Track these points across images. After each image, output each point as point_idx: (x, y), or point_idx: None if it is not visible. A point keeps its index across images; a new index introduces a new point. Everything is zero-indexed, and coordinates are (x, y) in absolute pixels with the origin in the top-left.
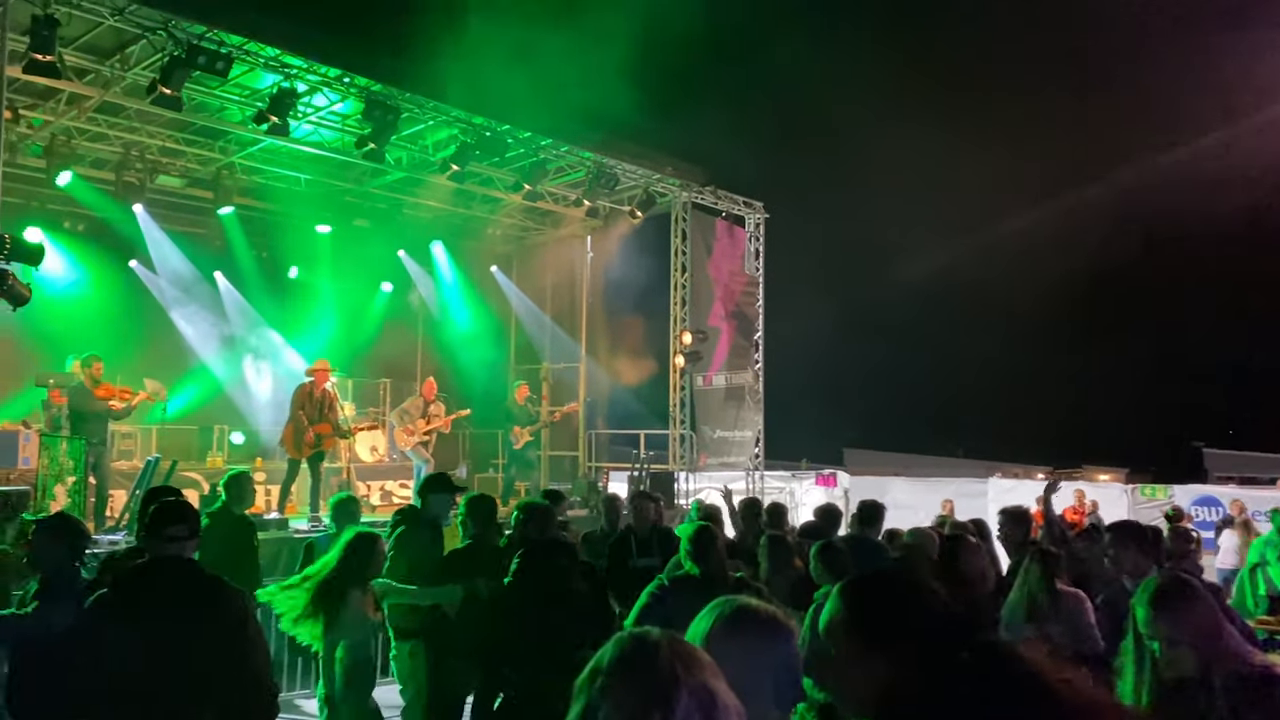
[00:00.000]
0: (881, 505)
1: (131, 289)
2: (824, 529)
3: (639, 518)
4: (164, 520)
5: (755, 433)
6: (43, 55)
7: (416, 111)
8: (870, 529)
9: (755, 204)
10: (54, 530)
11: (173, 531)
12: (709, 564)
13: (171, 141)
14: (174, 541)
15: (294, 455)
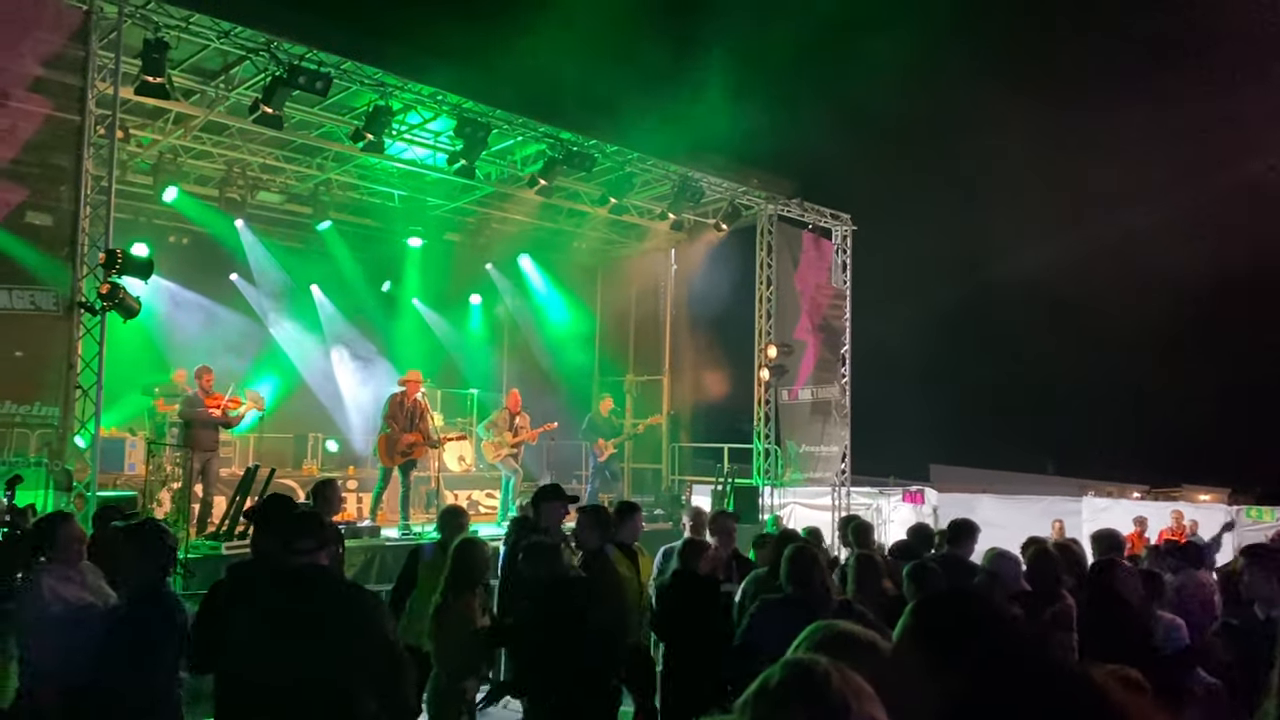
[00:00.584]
0: (973, 523)
1: (232, 301)
2: (917, 549)
3: (725, 540)
4: (293, 533)
5: (841, 448)
6: (153, 77)
7: (506, 128)
8: (961, 548)
9: (842, 216)
10: (141, 542)
11: (301, 545)
12: (810, 586)
13: (272, 159)
14: (303, 554)
15: (386, 464)
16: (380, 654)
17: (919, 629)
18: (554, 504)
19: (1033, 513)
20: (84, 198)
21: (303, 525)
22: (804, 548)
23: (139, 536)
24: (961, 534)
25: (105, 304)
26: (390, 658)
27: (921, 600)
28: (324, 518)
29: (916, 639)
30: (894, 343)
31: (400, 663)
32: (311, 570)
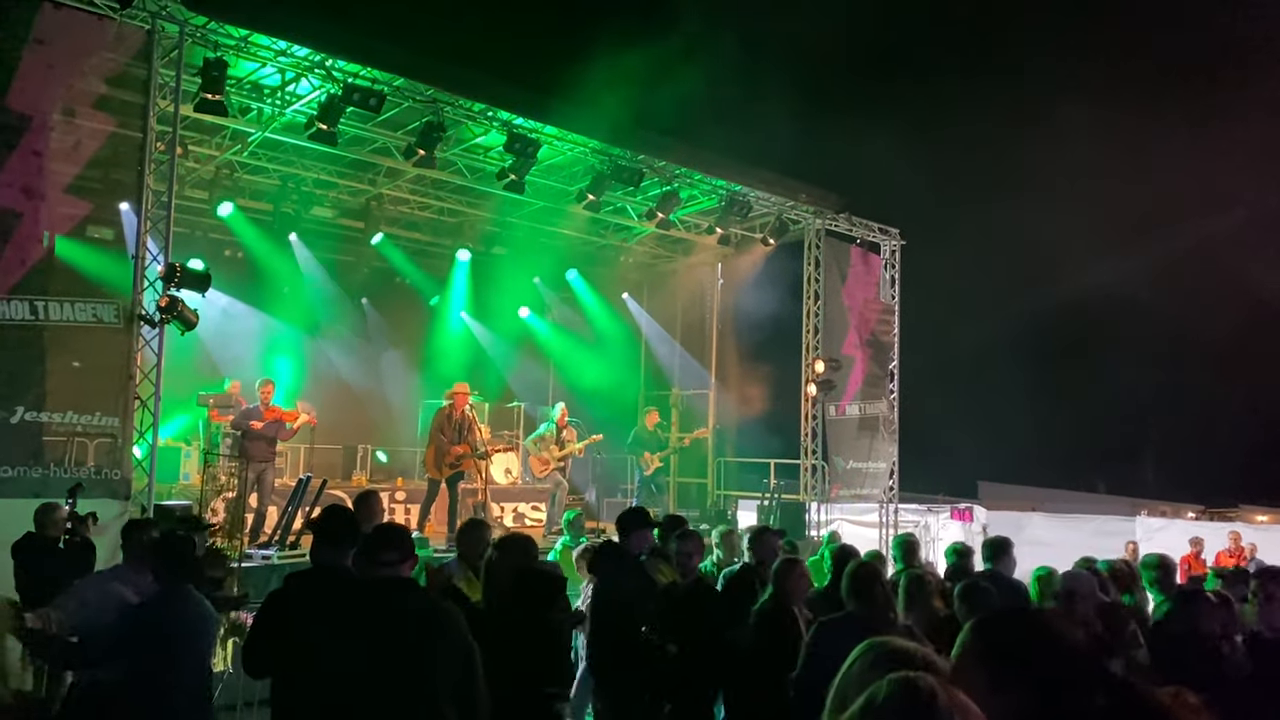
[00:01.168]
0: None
1: (284, 313)
2: (968, 569)
3: (764, 555)
4: (376, 547)
5: (889, 464)
6: (212, 95)
7: (555, 144)
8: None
9: (891, 230)
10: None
11: (385, 557)
12: (872, 603)
13: (325, 174)
14: (387, 566)
15: (434, 476)
16: (460, 664)
17: (980, 647)
18: (644, 531)
19: (1085, 532)
20: (145, 212)
21: (388, 537)
22: (866, 564)
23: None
24: (999, 551)
25: (164, 316)
26: (469, 668)
27: (982, 619)
28: (405, 531)
29: (978, 657)
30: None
31: (477, 673)
32: (395, 582)
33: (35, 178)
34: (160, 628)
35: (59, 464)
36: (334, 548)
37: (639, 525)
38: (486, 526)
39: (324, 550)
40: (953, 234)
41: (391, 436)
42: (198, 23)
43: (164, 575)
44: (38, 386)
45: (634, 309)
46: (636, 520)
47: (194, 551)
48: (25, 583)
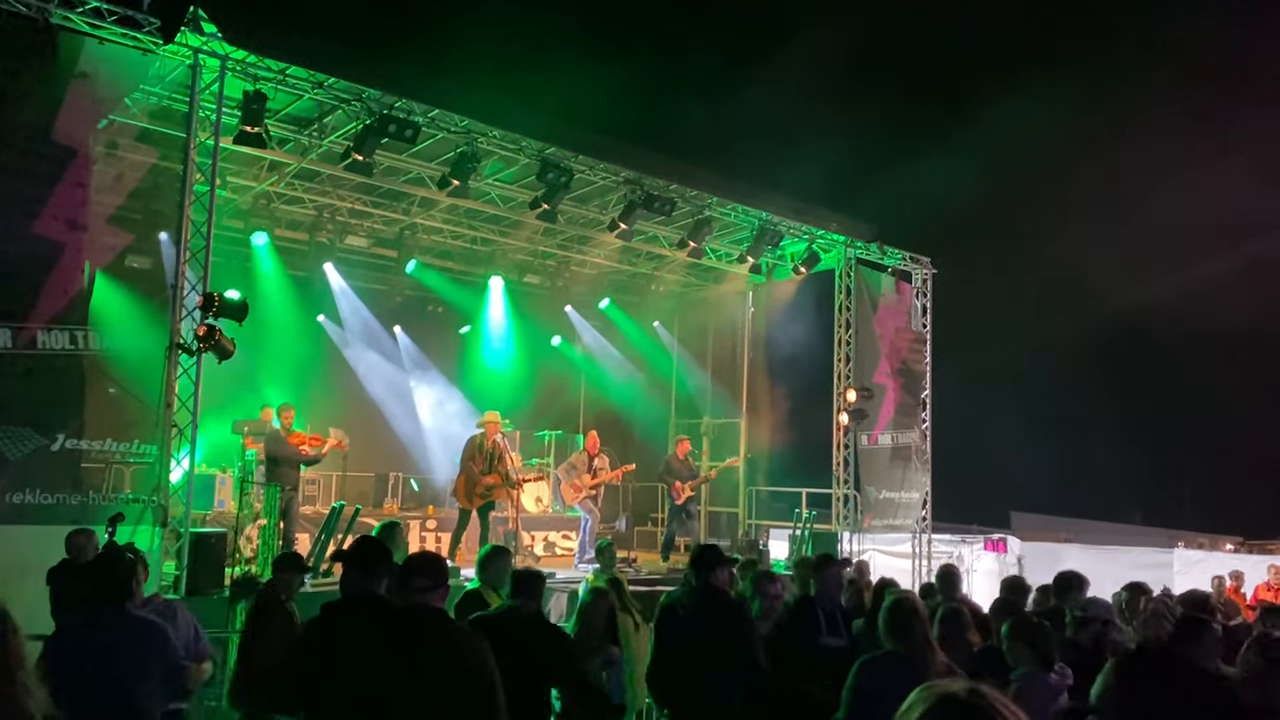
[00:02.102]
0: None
1: (319, 342)
2: (1018, 604)
3: (830, 586)
4: (408, 573)
5: (922, 494)
6: (252, 127)
7: (587, 173)
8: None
9: (922, 259)
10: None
11: (417, 583)
12: (912, 640)
13: (360, 203)
14: (419, 593)
15: (465, 506)
16: (484, 696)
17: (1125, 687)
18: (727, 567)
19: (1121, 564)
20: (184, 242)
21: (420, 564)
22: (903, 598)
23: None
24: (1070, 586)
25: (202, 345)
26: (492, 704)
27: (1123, 659)
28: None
29: (1123, 696)
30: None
31: (499, 706)
32: (424, 610)
33: (78, 209)
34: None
35: (98, 491)
36: (367, 576)
37: (723, 562)
38: (509, 554)
39: (355, 579)
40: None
41: (424, 464)
42: (238, 56)
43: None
44: (78, 415)
45: (665, 337)
46: (720, 559)
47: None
48: (59, 610)
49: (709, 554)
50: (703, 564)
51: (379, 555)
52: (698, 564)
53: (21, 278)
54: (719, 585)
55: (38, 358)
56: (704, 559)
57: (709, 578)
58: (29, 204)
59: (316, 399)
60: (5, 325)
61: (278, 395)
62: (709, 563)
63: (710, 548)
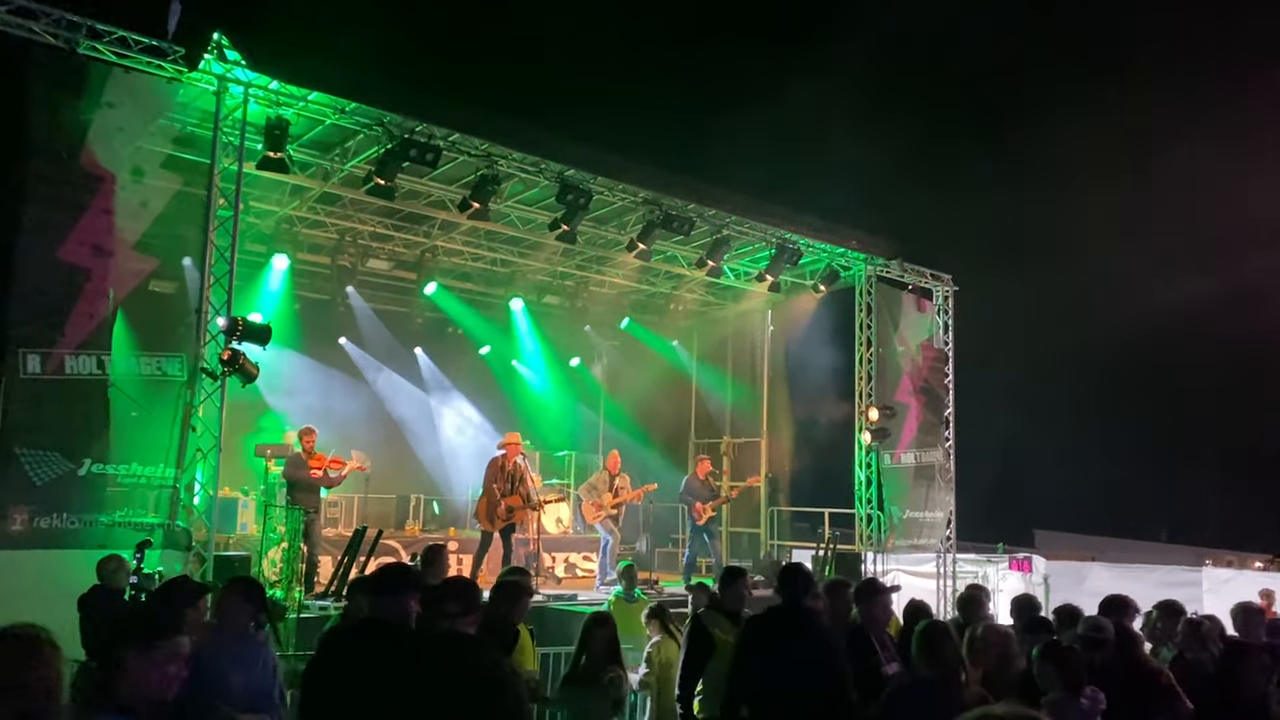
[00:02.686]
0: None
1: (340, 364)
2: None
3: (880, 615)
4: (439, 598)
5: (946, 514)
6: (274, 153)
7: (606, 193)
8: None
9: (943, 276)
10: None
11: (448, 609)
12: (943, 664)
13: (381, 227)
14: (448, 618)
15: (486, 528)
16: None
17: None
18: (744, 580)
19: (1149, 583)
20: (208, 268)
21: (451, 590)
22: (936, 623)
23: None
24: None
25: (226, 369)
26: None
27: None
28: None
29: None
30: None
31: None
32: (452, 638)
33: (105, 236)
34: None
35: (123, 515)
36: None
37: (811, 584)
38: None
39: (374, 605)
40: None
41: (444, 485)
42: (261, 83)
43: None
44: (103, 439)
45: (684, 356)
46: (806, 581)
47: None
48: (90, 636)
49: (801, 576)
50: (795, 585)
51: (401, 581)
52: (789, 584)
53: (49, 304)
54: (816, 608)
55: (66, 383)
56: (796, 580)
57: (803, 599)
58: (56, 231)
59: (339, 422)
60: (35, 351)
61: (300, 419)
62: (803, 584)
63: (799, 567)
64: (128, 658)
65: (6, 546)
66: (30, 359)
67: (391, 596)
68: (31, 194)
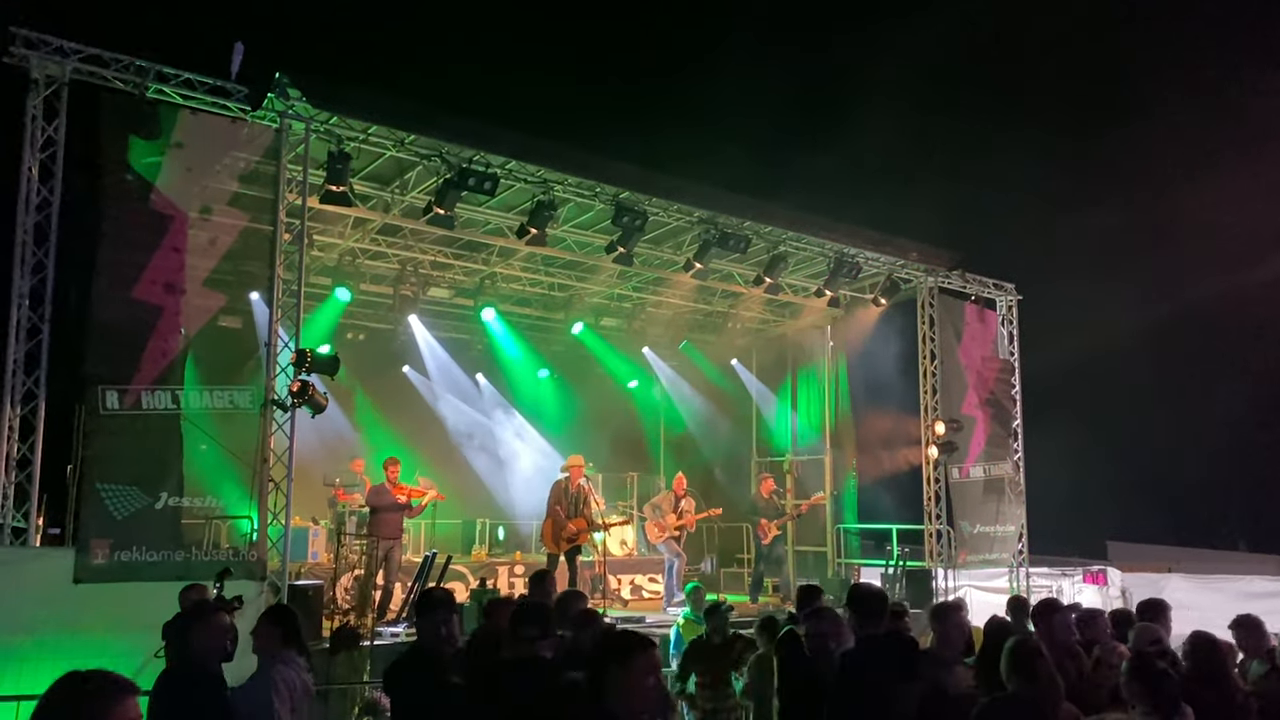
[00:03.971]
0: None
1: (405, 393)
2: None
3: (954, 635)
4: (516, 621)
5: (1018, 527)
6: (336, 186)
7: (661, 214)
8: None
9: (1006, 285)
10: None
11: (525, 633)
12: (1036, 682)
13: (442, 256)
14: (525, 642)
15: (552, 550)
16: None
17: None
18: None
19: (1229, 594)
20: (276, 301)
21: (528, 614)
22: (1025, 639)
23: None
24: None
25: (296, 401)
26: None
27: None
28: (545, 609)
29: None
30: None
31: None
32: (525, 662)
33: (176, 274)
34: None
35: (198, 547)
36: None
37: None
38: (583, 597)
39: (420, 628)
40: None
41: (509, 510)
42: (322, 119)
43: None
44: (178, 473)
45: (744, 375)
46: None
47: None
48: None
49: (878, 603)
50: (874, 612)
51: (434, 605)
52: (869, 613)
53: (125, 341)
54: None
55: (142, 418)
56: (875, 608)
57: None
58: (130, 269)
59: (405, 449)
60: (113, 387)
61: (371, 449)
62: (880, 611)
63: (876, 594)
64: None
65: (90, 579)
66: (109, 395)
67: (423, 620)
68: (106, 235)
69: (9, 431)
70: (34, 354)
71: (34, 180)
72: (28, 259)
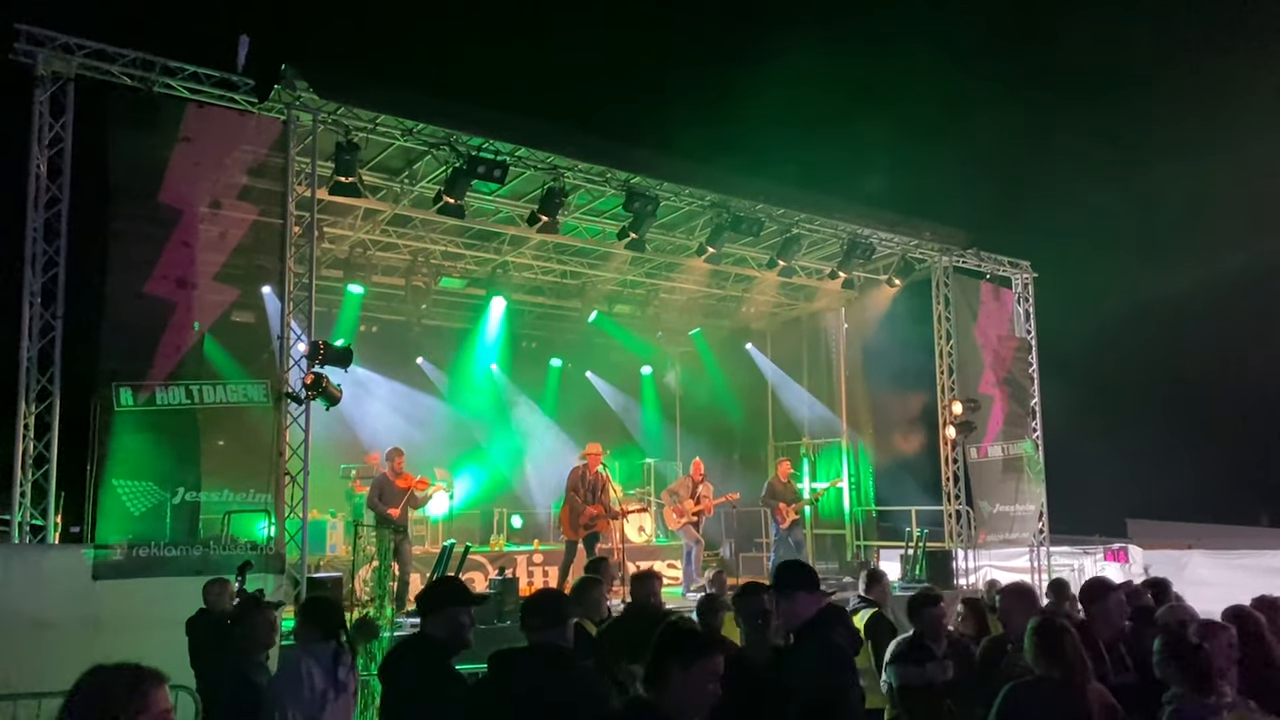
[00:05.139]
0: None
1: (419, 384)
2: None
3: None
4: (524, 612)
5: (1038, 506)
6: (345, 177)
7: (672, 199)
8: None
9: (1021, 263)
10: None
11: (531, 622)
12: (1063, 662)
13: (453, 246)
14: (535, 631)
15: (570, 536)
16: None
17: None
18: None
19: (1254, 570)
20: (288, 294)
21: (535, 603)
22: (1049, 618)
23: None
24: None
25: (310, 393)
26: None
27: None
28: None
29: None
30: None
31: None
32: (534, 650)
33: (187, 269)
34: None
35: (217, 541)
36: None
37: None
38: (601, 583)
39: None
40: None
41: (527, 499)
42: (329, 109)
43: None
44: (194, 468)
45: (759, 358)
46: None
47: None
48: (198, 658)
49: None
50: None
51: (431, 597)
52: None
53: (138, 337)
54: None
55: (157, 414)
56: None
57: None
58: (141, 265)
59: (420, 440)
60: (127, 384)
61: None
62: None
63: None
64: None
65: (110, 576)
66: (123, 392)
67: (435, 615)
68: (116, 231)
69: (24, 430)
70: (47, 352)
71: (43, 178)
72: (39, 256)
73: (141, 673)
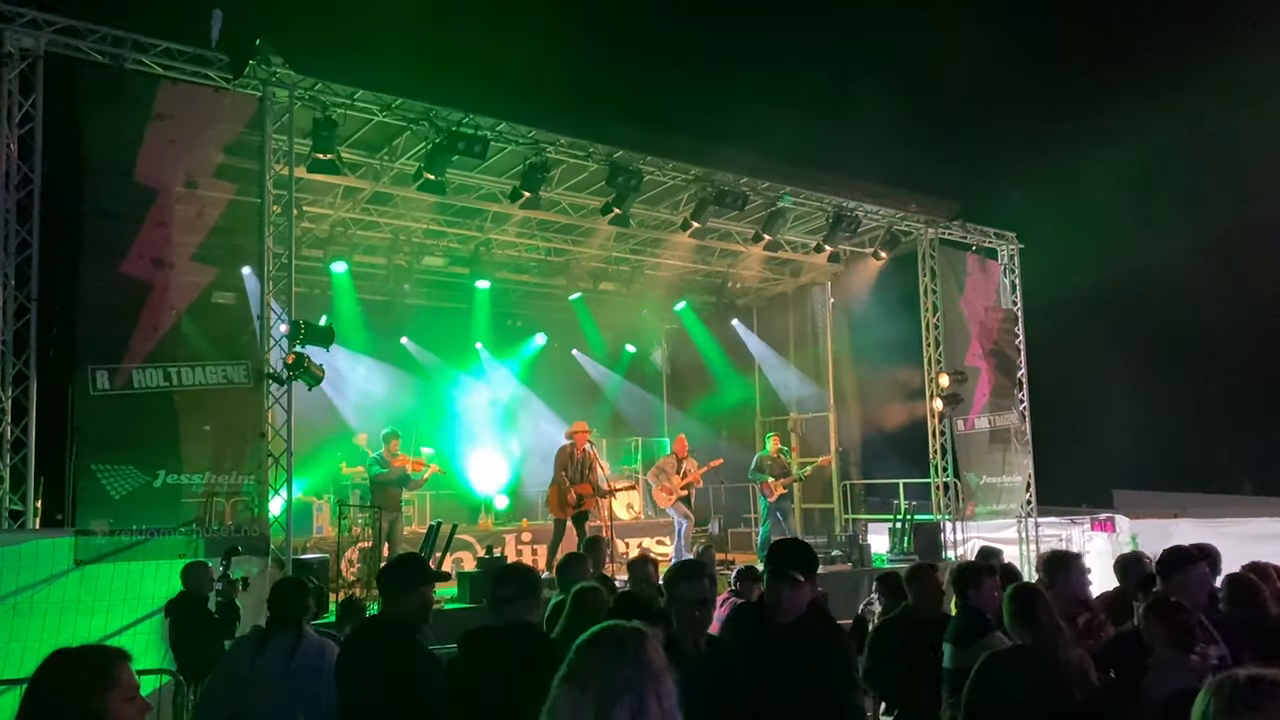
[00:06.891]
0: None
1: (403, 363)
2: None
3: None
4: (494, 583)
5: (1025, 477)
6: (323, 154)
7: (656, 173)
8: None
9: (1007, 235)
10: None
11: (501, 592)
12: (1039, 630)
13: (435, 224)
14: (505, 603)
15: (558, 515)
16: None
17: None
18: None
19: (1241, 537)
20: (267, 274)
21: (506, 574)
22: (1024, 586)
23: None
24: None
25: (291, 373)
26: None
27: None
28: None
29: None
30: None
31: None
32: (507, 626)
33: (164, 248)
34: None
35: (200, 524)
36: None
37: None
38: (587, 560)
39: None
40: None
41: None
42: (305, 85)
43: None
44: (175, 450)
45: (745, 334)
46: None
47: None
48: (178, 640)
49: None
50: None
51: (394, 576)
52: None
53: (114, 318)
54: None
55: (135, 397)
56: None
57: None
58: (116, 246)
59: (406, 421)
60: (103, 366)
61: (368, 421)
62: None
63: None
64: None
65: (91, 559)
66: (99, 375)
67: (402, 594)
68: (89, 211)
69: (1, 414)
70: (23, 335)
71: (13, 157)
72: (11, 238)
73: (107, 651)
